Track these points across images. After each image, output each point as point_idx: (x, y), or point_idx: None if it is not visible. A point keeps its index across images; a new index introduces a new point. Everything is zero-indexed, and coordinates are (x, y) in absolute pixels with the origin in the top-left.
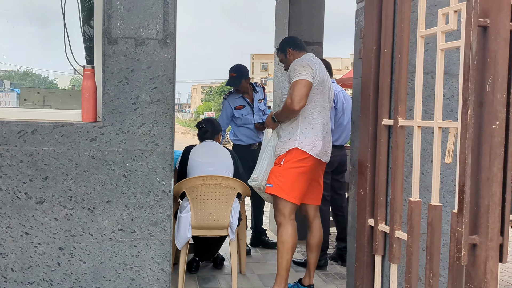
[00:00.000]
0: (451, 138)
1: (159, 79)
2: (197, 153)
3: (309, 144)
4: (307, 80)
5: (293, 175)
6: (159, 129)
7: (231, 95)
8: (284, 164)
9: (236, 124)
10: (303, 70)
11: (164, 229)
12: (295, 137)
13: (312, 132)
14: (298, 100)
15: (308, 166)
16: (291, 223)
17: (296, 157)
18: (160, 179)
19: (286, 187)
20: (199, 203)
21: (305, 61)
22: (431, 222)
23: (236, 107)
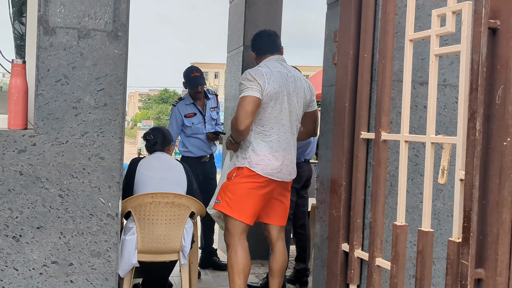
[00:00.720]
0: (446, 156)
1: (107, 80)
2: (145, 166)
3: (259, 163)
4: (253, 96)
5: (243, 191)
6: (106, 139)
7: (181, 101)
8: (234, 179)
9: (186, 133)
10: (249, 84)
11: (109, 260)
12: (245, 155)
13: (265, 149)
14: (242, 119)
15: (260, 182)
16: (240, 244)
17: (246, 172)
18: (105, 200)
19: (235, 205)
20: (146, 224)
21: (252, 74)
22: (422, 250)
23: (186, 114)
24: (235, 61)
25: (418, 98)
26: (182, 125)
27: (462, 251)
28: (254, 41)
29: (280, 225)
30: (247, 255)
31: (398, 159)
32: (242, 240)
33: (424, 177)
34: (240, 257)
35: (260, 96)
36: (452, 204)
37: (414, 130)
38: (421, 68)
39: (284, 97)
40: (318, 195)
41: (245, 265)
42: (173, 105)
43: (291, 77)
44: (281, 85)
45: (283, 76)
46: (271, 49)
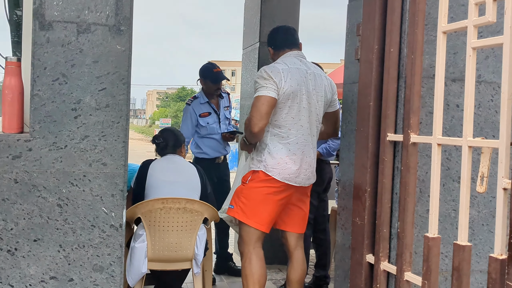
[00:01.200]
0: (485, 161)
1: (109, 78)
2: (157, 169)
3: (275, 167)
4: (267, 96)
5: (259, 196)
6: (108, 143)
7: (195, 100)
8: (249, 183)
9: (200, 134)
10: (264, 83)
11: (113, 275)
12: (261, 157)
13: (282, 152)
14: (256, 121)
15: (277, 187)
16: (255, 252)
17: (262, 177)
18: (108, 210)
19: (249, 210)
20: (157, 230)
21: (267, 72)
22: (459, 266)
23: (201, 114)
24: (251, 58)
25: (449, 96)
26: (197, 125)
27: (508, 271)
28: (271, 35)
29: (299, 232)
30: (262, 265)
31: (427, 163)
32: (257, 248)
33: (456, 182)
34: (255, 267)
35: (276, 96)
36: (488, 212)
37: (446, 131)
38: (453, 63)
39: (303, 95)
40: (339, 201)
41: (261, 275)
42: (187, 104)
43: (310, 74)
44: (300, 83)
45: (302, 73)
46: (289, 44)
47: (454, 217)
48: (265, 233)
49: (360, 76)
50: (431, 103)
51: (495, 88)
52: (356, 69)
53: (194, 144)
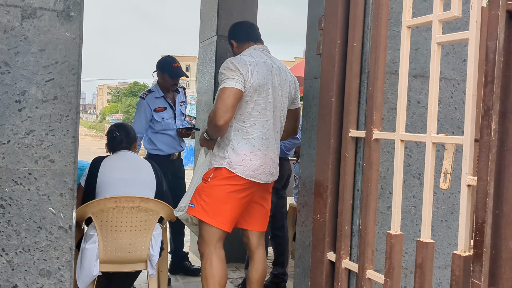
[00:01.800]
0: (449, 157)
1: (58, 68)
2: (109, 166)
3: (239, 164)
4: (234, 88)
5: (221, 195)
6: (56, 138)
7: (150, 94)
8: (211, 180)
9: (155, 129)
10: (230, 74)
11: (61, 280)
12: (224, 154)
13: (246, 148)
14: (222, 114)
15: (241, 185)
16: (216, 253)
17: (225, 174)
18: (57, 210)
19: (210, 209)
20: (109, 231)
21: (233, 63)
22: (422, 264)
23: (156, 109)
24: (208, 52)
25: (411, 93)
26: (151, 120)
27: (473, 268)
28: (234, 29)
29: (261, 231)
30: (223, 266)
31: (389, 160)
32: (218, 249)
33: (416, 179)
34: (216, 268)
35: (243, 88)
36: (447, 208)
37: (407, 127)
38: (414, 59)
39: (269, 90)
40: (299, 198)
41: (222, 277)
42: (142, 98)
43: (276, 69)
44: (266, 76)
45: (268, 67)
46: (254, 38)
47: (414, 213)
48: (227, 233)
49: (322, 71)
50: (393, 99)
51: (455, 85)
52: (317, 64)
53: (147, 140)
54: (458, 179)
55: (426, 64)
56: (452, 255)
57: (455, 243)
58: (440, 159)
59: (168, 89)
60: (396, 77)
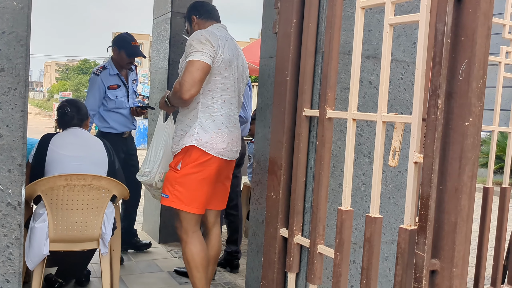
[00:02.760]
0: (398, 136)
1: (4, 39)
2: (59, 144)
3: (209, 141)
4: (203, 62)
5: (194, 183)
6: (3, 112)
7: (104, 71)
8: (181, 169)
9: (107, 107)
10: (200, 47)
11: (10, 258)
12: (192, 131)
13: (214, 125)
14: (188, 87)
15: (212, 169)
16: (195, 236)
17: (196, 159)
18: (5, 187)
19: (186, 198)
20: (60, 209)
21: (205, 35)
22: (370, 238)
23: (110, 86)
24: (162, 29)
25: (363, 73)
26: (104, 98)
27: (417, 240)
28: (196, 5)
29: (220, 209)
30: (203, 248)
31: (341, 138)
32: (196, 232)
33: (366, 157)
34: (197, 250)
35: (211, 63)
36: (394, 186)
37: (359, 107)
38: (367, 40)
39: (235, 67)
40: (254, 176)
41: (202, 258)
42: (95, 74)
43: (238, 47)
44: (234, 53)
45: (234, 44)
46: (216, 17)
47: (364, 190)
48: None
49: (278, 50)
50: (346, 79)
51: (405, 67)
52: (273, 43)
53: (98, 117)
54: (405, 158)
55: (378, 45)
56: (398, 229)
57: (401, 219)
58: (390, 139)
59: (122, 66)
60: (350, 57)
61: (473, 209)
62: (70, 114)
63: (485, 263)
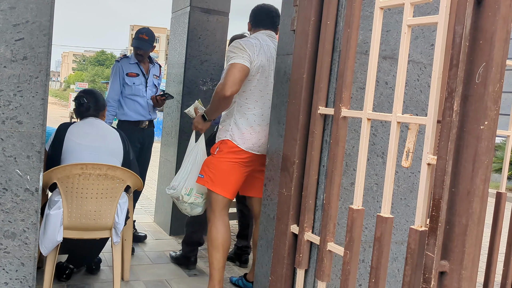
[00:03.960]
0: (412, 137)
1: (28, 28)
2: (76, 133)
3: (240, 137)
4: (243, 65)
5: (226, 166)
6: (25, 100)
7: (125, 58)
8: (217, 154)
9: (124, 93)
10: (240, 53)
11: (26, 242)
12: (227, 127)
13: (247, 123)
14: (230, 85)
15: (243, 158)
16: (221, 219)
17: (230, 148)
18: (23, 173)
19: (217, 179)
20: (75, 197)
21: (242, 44)
22: (380, 237)
23: (128, 73)
24: (181, 23)
25: (380, 73)
26: (122, 84)
27: (428, 241)
28: (253, 12)
29: (260, 196)
30: (227, 231)
31: (354, 138)
32: (223, 215)
33: (380, 157)
34: (220, 232)
35: (250, 66)
36: (406, 187)
37: (374, 107)
38: (385, 40)
39: (270, 71)
40: (266, 172)
41: (225, 240)
42: (117, 61)
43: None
44: (269, 58)
45: (272, 51)
46: (264, 24)
47: (376, 190)
48: (231, 200)
49: (295, 47)
50: (362, 79)
51: (422, 68)
52: (290, 40)
53: (117, 105)
54: (418, 159)
55: (395, 46)
56: (409, 230)
57: (412, 221)
58: (403, 140)
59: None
60: (367, 57)
61: (485, 213)
62: (86, 105)
63: (495, 268)
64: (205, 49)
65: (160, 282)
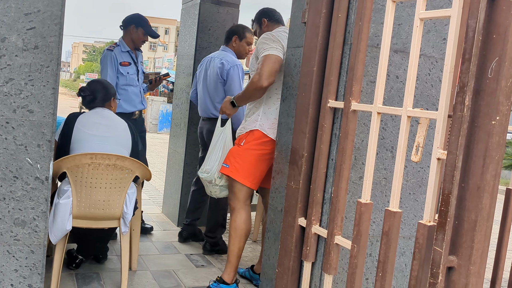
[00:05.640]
0: (422, 131)
1: (39, 17)
2: (85, 123)
3: (270, 127)
4: (279, 56)
5: (252, 158)
6: (35, 89)
7: (117, 47)
8: (244, 145)
9: (119, 84)
10: (274, 45)
11: (36, 230)
12: (256, 117)
13: (276, 113)
14: (267, 76)
15: (270, 149)
16: (245, 209)
17: (258, 138)
18: (34, 161)
19: (243, 170)
20: (84, 187)
21: (275, 36)
22: (388, 231)
23: (122, 62)
24: (191, 14)
25: (391, 67)
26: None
27: (436, 236)
28: (268, 10)
29: None
30: (249, 220)
31: (364, 131)
32: (246, 205)
33: (389, 152)
34: (245, 221)
35: (283, 58)
36: (415, 181)
37: (384, 101)
38: (396, 34)
39: None
40: (275, 165)
41: (248, 230)
42: (109, 50)
43: None
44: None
45: None
46: (283, 22)
47: (384, 185)
48: (253, 191)
49: (306, 40)
50: (373, 72)
51: (433, 63)
52: (300, 33)
53: None
54: (428, 154)
55: (407, 40)
56: (417, 225)
57: (420, 215)
58: (413, 134)
59: (136, 44)
60: (378, 50)
61: (494, 209)
62: (88, 97)
63: (503, 265)
64: (215, 40)
65: (168, 272)
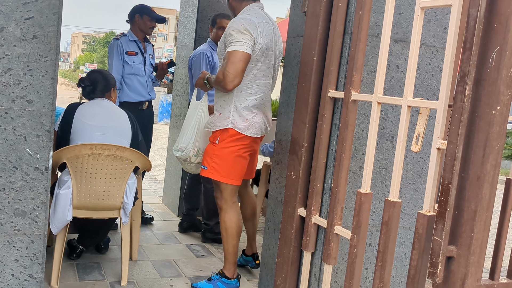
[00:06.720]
0: (422, 121)
1: (37, 6)
2: (85, 113)
3: (243, 124)
4: (245, 53)
5: (230, 156)
6: (34, 79)
7: (124, 36)
8: (219, 143)
9: (124, 73)
10: (241, 37)
11: (36, 220)
12: (227, 114)
13: (248, 108)
14: (231, 78)
15: (246, 144)
16: (233, 207)
17: (232, 136)
18: (33, 151)
19: (223, 170)
20: (84, 177)
21: (244, 25)
22: (388, 221)
23: (128, 52)
24: (190, 4)
25: (391, 57)
26: (122, 63)
27: (436, 226)
28: None
29: (248, 178)
30: (239, 217)
31: (364, 122)
32: (234, 203)
33: (389, 142)
34: (234, 220)
35: (251, 52)
36: (415, 171)
37: (384, 91)
38: (397, 23)
39: (272, 52)
40: (275, 155)
41: (239, 227)
42: (116, 39)
43: (276, 30)
44: (271, 39)
45: (271, 29)
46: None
47: (384, 175)
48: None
49: (306, 29)
50: (373, 62)
51: (434, 52)
52: (301, 22)
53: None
54: (428, 144)
55: (408, 29)
56: (417, 214)
57: (420, 206)
58: (413, 124)
59: (146, 32)
60: (378, 40)
61: (494, 198)
62: (88, 88)
63: (502, 254)
64: None
65: (168, 262)
